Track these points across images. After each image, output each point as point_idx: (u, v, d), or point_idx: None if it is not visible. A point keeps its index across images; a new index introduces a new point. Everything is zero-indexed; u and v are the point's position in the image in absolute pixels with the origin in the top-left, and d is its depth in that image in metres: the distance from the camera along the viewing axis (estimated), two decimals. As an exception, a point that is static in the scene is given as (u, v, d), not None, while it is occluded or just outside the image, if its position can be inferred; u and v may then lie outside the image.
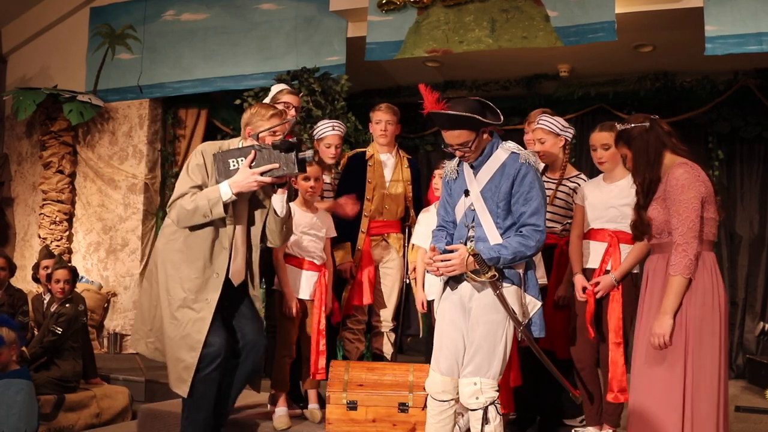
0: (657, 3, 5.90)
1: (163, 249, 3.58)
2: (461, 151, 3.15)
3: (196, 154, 3.54)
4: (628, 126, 3.13)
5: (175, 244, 3.53)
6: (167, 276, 3.52)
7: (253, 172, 3.37)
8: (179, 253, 3.51)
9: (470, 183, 3.22)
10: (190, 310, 3.46)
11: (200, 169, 3.49)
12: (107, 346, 7.80)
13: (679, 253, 2.92)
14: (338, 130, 4.67)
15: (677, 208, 2.94)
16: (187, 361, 3.45)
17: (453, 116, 3.04)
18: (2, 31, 8.99)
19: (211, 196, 3.38)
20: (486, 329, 3.08)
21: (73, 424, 5.35)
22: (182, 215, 3.43)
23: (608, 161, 3.76)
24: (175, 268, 3.50)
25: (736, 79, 7.22)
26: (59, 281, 5.54)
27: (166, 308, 3.51)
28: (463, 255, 3.05)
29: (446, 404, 3.21)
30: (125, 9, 8.13)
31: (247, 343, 3.64)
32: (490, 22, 6.21)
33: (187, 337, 3.45)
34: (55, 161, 8.16)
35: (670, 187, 2.97)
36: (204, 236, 3.49)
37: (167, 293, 3.51)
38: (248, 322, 3.67)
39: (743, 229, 7.44)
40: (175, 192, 3.51)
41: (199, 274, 3.48)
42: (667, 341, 2.92)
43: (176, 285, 3.49)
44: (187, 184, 3.47)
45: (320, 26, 7.13)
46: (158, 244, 3.68)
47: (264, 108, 3.62)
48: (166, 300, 3.50)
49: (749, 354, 7.03)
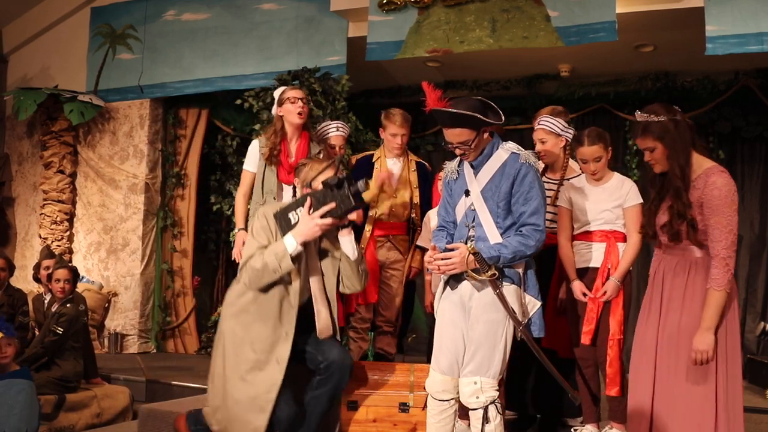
0: (658, 3, 5.90)
1: (231, 312, 3.54)
2: (461, 150, 3.16)
3: (259, 217, 3.54)
4: (659, 118, 2.97)
5: (244, 306, 3.50)
6: (236, 339, 3.47)
7: (312, 217, 3.34)
8: (249, 314, 3.48)
9: (470, 183, 3.22)
10: (260, 371, 3.41)
11: (264, 230, 3.49)
12: (108, 346, 7.81)
13: (722, 267, 2.84)
14: (342, 131, 4.70)
15: (720, 220, 2.84)
16: (255, 423, 3.38)
17: (455, 114, 3.05)
18: (3, 31, 8.99)
19: (277, 251, 3.36)
20: (486, 328, 3.09)
21: (74, 424, 5.35)
22: (253, 275, 3.41)
23: (601, 171, 3.78)
24: (246, 330, 3.46)
25: (737, 79, 7.23)
26: (59, 281, 5.54)
27: (235, 372, 3.44)
28: (464, 253, 3.05)
29: (446, 404, 3.21)
30: (126, 9, 8.14)
31: (332, 363, 3.52)
32: (490, 22, 6.21)
33: (257, 398, 3.38)
34: (55, 161, 8.16)
35: (711, 197, 2.86)
36: (273, 295, 3.47)
37: (236, 357, 3.45)
38: (333, 346, 3.59)
39: (744, 229, 7.44)
40: (243, 256, 3.50)
41: (270, 334, 3.44)
42: (711, 357, 2.86)
43: (246, 348, 3.44)
44: (253, 246, 3.46)
45: (321, 26, 7.13)
46: (224, 310, 3.62)
47: (314, 161, 3.67)
48: (235, 364, 3.45)
49: (750, 354, 7.03)
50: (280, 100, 4.52)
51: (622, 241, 3.73)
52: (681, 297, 3.00)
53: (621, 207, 3.73)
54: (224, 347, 3.51)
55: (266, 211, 3.56)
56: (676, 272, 3.03)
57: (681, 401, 2.94)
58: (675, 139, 2.95)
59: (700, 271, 2.96)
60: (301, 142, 4.56)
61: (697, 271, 2.97)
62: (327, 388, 3.55)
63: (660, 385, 3.01)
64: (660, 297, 3.08)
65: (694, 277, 2.98)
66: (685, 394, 2.93)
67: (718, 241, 2.85)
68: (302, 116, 4.47)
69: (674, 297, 3.02)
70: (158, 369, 6.64)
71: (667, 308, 3.04)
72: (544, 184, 3.98)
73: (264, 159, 4.50)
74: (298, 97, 4.47)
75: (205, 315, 8.09)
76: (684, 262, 3.01)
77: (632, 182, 3.78)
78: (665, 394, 2.99)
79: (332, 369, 3.52)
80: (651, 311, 3.11)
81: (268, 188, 4.53)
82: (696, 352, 2.86)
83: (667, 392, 2.98)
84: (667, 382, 2.99)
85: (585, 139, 3.73)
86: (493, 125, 3.13)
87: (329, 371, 3.52)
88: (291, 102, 4.45)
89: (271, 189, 4.52)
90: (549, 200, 3.96)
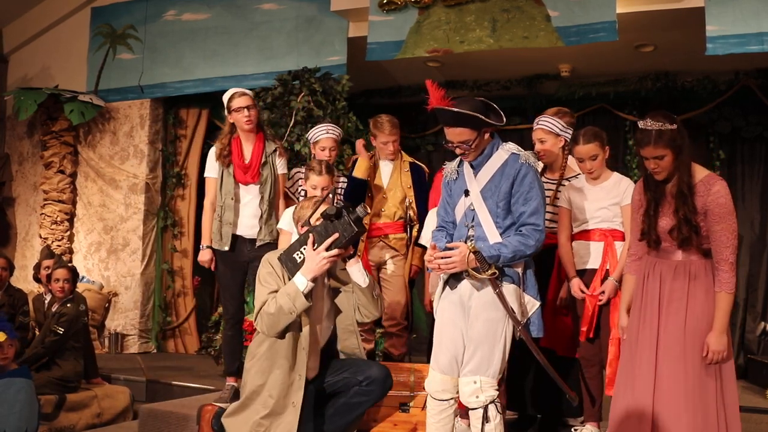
0: (658, 3, 5.90)
1: (251, 364, 3.54)
2: (461, 149, 3.17)
3: (264, 264, 3.51)
4: (671, 126, 3.02)
5: (263, 355, 3.49)
6: (255, 387, 3.48)
7: (318, 251, 3.31)
8: (266, 361, 3.47)
9: (470, 183, 3.23)
10: (277, 416, 3.42)
11: (271, 275, 3.46)
12: (108, 346, 7.81)
13: (728, 270, 2.95)
14: (332, 134, 4.74)
15: (726, 227, 2.95)
16: None
17: (457, 113, 3.06)
18: (3, 31, 8.99)
19: (289, 291, 3.32)
20: (486, 327, 3.09)
21: (74, 424, 5.35)
22: (269, 321, 3.37)
23: (597, 169, 3.79)
24: (264, 376, 3.47)
25: (737, 79, 7.23)
26: (59, 281, 5.54)
27: (254, 418, 3.45)
28: (464, 252, 3.06)
29: (446, 403, 3.21)
30: (126, 9, 8.14)
31: (374, 380, 3.50)
32: (491, 21, 6.21)
33: None
34: (56, 161, 8.16)
35: (716, 204, 2.96)
36: (287, 340, 3.45)
37: (253, 403, 3.47)
38: (371, 365, 3.58)
39: (744, 229, 7.43)
40: (256, 305, 3.47)
41: (285, 378, 3.44)
42: (725, 357, 2.97)
43: (264, 394, 3.45)
44: (264, 293, 3.43)
45: (321, 26, 7.13)
46: (246, 363, 3.60)
47: (304, 201, 3.68)
48: (254, 411, 3.46)
49: (750, 354, 7.03)
50: (228, 108, 4.55)
51: (621, 240, 3.73)
52: (683, 299, 3.03)
53: (618, 205, 3.74)
54: (248, 396, 3.51)
55: (270, 257, 3.54)
56: (675, 275, 3.07)
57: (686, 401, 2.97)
58: (683, 147, 3.02)
59: (700, 275, 3.03)
60: (256, 143, 4.59)
61: (698, 275, 3.04)
62: (365, 398, 3.54)
63: (663, 385, 3.03)
64: (657, 300, 3.11)
65: (694, 280, 3.03)
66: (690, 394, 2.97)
67: (726, 246, 2.96)
68: (250, 123, 4.51)
69: (675, 299, 3.05)
70: (158, 369, 6.64)
71: (668, 311, 3.07)
72: (543, 184, 4.00)
73: (216, 160, 4.53)
74: (242, 106, 4.49)
75: (205, 315, 8.08)
76: (683, 265, 3.06)
77: (630, 181, 3.78)
78: (669, 395, 3.00)
79: (374, 386, 3.51)
80: (646, 313, 3.13)
81: (226, 189, 4.57)
82: (713, 353, 2.96)
83: (671, 393, 3.00)
84: (671, 382, 3.01)
85: (581, 138, 3.76)
86: (494, 126, 3.14)
87: (371, 386, 3.51)
88: (236, 111, 4.48)
89: (228, 190, 4.57)
90: (548, 200, 3.96)
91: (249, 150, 4.58)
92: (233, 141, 4.57)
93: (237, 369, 4.41)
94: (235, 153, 4.55)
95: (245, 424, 3.46)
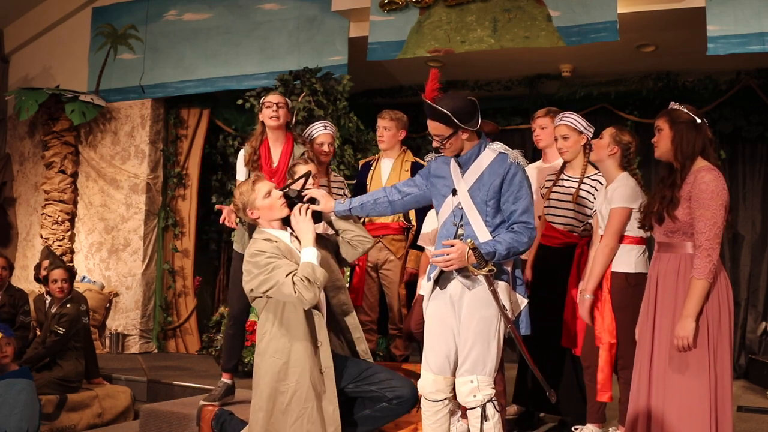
0: (659, 3, 5.89)
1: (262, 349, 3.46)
2: (437, 142, 3.20)
3: (256, 254, 3.38)
4: (682, 110, 3.10)
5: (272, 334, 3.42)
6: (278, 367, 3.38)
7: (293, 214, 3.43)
8: (282, 338, 3.40)
9: (458, 182, 3.23)
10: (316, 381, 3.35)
11: (275, 256, 3.35)
12: (109, 346, 7.82)
13: (705, 257, 2.93)
14: (329, 130, 4.76)
15: (705, 213, 2.94)
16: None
17: (433, 108, 3.10)
18: (4, 31, 9.00)
19: (306, 271, 3.25)
20: (480, 325, 3.09)
21: (75, 424, 5.35)
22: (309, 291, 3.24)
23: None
24: (285, 354, 3.38)
25: (739, 79, 7.22)
26: (56, 281, 5.54)
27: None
28: (462, 249, 3.05)
29: (440, 404, 3.22)
30: (127, 9, 8.14)
31: (405, 401, 3.44)
32: (492, 21, 6.21)
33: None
34: (57, 161, 8.17)
35: (699, 190, 2.97)
36: (296, 312, 3.38)
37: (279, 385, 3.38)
38: (405, 385, 3.48)
39: (745, 228, 7.43)
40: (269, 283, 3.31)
41: (308, 346, 3.37)
42: (690, 343, 2.93)
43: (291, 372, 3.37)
44: (281, 275, 3.27)
45: (322, 26, 7.13)
46: (257, 354, 3.51)
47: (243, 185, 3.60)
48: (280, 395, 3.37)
49: (751, 354, 7.03)
50: (261, 105, 4.56)
51: (627, 243, 3.62)
52: (673, 296, 3.04)
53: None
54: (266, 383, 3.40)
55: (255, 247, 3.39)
56: (667, 271, 3.09)
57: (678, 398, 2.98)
58: (682, 133, 3.05)
59: (689, 270, 3.01)
60: (285, 145, 4.58)
61: (687, 270, 3.03)
62: (391, 415, 3.51)
63: (656, 383, 3.05)
64: (654, 298, 3.13)
65: (684, 276, 3.03)
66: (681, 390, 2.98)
67: (702, 232, 2.95)
68: (275, 120, 4.47)
69: (666, 296, 3.07)
70: (159, 369, 6.64)
71: (662, 308, 3.08)
72: (565, 181, 4.02)
73: (245, 165, 4.53)
74: (273, 101, 4.49)
75: (206, 315, 8.08)
76: (675, 259, 3.07)
77: (625, 183, 3.63)
78: (662, 392, 3.02)
79: (403, 407, 3.46)
80: (648, 313, 3.15)
81: None
82: (677, 338, 2.95)
83: (663, 390, 3.02)
84: (663, 380, 3.03)
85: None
86: (466, 130, 3.13)
87: (400, 407, 3.46)
88: (266, 107, 4.49)
89: None
90: (571, 198, 3.97)
91: (277, 153, 4.54)
92: (262, 145, 4.54)
93: (234, 366, 4.42)
94: (264, 157, 4.54)
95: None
